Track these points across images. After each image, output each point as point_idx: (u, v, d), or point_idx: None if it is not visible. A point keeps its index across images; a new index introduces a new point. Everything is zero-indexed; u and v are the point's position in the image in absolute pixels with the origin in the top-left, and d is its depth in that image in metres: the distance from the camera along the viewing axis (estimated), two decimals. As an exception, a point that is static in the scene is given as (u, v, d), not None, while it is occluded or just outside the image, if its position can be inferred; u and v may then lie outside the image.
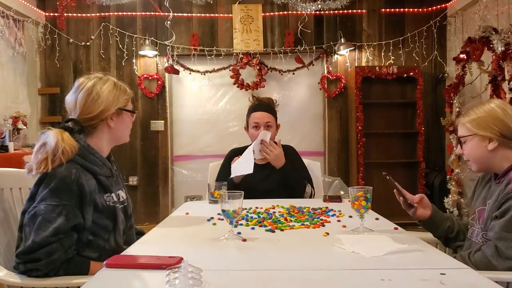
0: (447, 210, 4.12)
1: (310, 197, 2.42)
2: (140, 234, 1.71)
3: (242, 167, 2.27)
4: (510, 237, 1.37)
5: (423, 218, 1.67)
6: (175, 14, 4.88)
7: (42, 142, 1.44)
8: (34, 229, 1.34)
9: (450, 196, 4.18)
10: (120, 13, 4.89)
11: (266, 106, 2.48)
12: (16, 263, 1.38)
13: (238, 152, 2.57)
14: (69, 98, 1.57)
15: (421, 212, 1.66)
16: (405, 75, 4.68)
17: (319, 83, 4.94)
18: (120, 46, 4.89)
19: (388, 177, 1.57)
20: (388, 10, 4.96)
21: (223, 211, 1.39)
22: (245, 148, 2.58)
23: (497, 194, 1.50)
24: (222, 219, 1.63)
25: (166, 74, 4.90)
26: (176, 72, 4.80)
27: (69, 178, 1.39)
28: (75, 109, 1.55)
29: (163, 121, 4.92)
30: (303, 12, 4.68)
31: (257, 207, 1.95)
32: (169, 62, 4.85)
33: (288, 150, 2.60)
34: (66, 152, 1.41)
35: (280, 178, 2.38)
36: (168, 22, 4.86)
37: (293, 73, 4.90)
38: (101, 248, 1.47)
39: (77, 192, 1.39)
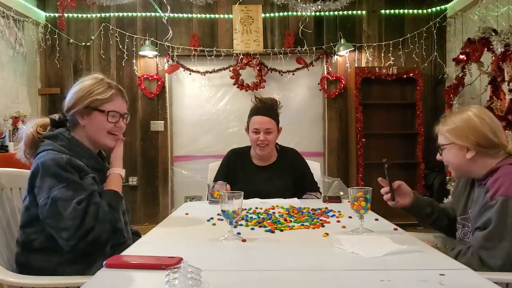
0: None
1: None
2: (136, 234, 1.72)
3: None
4: (492, 246, 1.39)
5: (404, 207, 1.71)
6: (175, 14, 4.89)
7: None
8: (57, 215, 1.39)
9: (450, 197, 4.18)
10: (120, 14, 4.89)
11: (267, 109, 2.42)
12: (71, 247, 1.41)
13: (237, 152, 2.56)
14: None
15: (401, 202, 1.69)
16: (404, 76, 4.68)
17: (319, 83, 4.94)
18: (120, 46, 4.89)
19: (386, 165, 1.59)
20: (388, 11, 4.96)
21: (223, 211, 1.39)
22: (245, 148, 2.57)
23: (480, 201, 1.52)
24: (222, 220, 1.63)
25: (166, 75, 4.90)
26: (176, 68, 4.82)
27: (62, 160, 1.45)
28: None
29: (163, 122, 4.92)
30: (303, 13, 4.68)
31: (256, 208, 1.95)
32: (169, 63, 4.86)
33: (293, 155, 2.55)
34: (30, 137, 1.57)
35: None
36: (166, 17, 4.83)
37: (293, 74, 4.91)
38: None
39: (73, 171, 1.45)
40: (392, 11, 4.96)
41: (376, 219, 1.74)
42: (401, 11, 4.96)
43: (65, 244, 1.41)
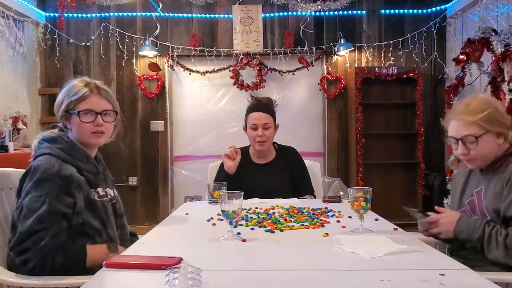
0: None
1: None
2: (133, 235, 1.72)
3: None
4: None
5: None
6: (175, 14, 4.89)
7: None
8: (20, 221, 1.39)
9: (450, 197, 4.18)
10: (120, 14, 4.89)
11: (264, 106, 2.47)
12: (11, 258, 1.41)
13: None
14: None
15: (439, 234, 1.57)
16: (404, 76, 4.68)
17: (319, 83, 4.94)
18: (120, 46, 4.89)
19: (407, 209, 1.54)
20: (388, 11, 4.96)
21: (223, 211, 1.39)
22: (244, 148, 2.58)
23: (498, 177, 1.47)
24: (222, 220, 1.63)
25: (166, 75, 4.90)
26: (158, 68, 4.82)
27: (52, 169, 1.43)
28: None
29: (163, 122, 4.92)
30: (303, 13, 4.68)
31: (256, 208, 1.96)
32: (169, 62, 4.86)
33: (291, 153, 2.57)
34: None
35: None
36: (158, 15, 4.84)
37: (293, 74, 4.90)
38: (94, 242, 1.47)
39: (60, 182, 1.42)
40: (392, 11, 4.96)
41: (376, 219, 1.74)
42: (401, 11, 4.96)
43: (10, 250, 1.42)
